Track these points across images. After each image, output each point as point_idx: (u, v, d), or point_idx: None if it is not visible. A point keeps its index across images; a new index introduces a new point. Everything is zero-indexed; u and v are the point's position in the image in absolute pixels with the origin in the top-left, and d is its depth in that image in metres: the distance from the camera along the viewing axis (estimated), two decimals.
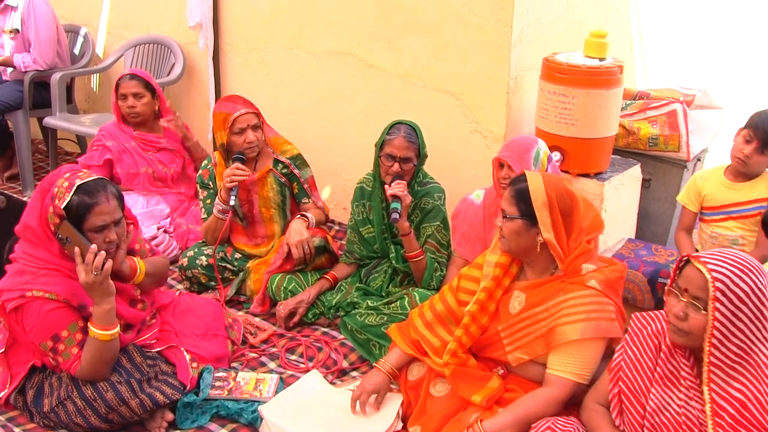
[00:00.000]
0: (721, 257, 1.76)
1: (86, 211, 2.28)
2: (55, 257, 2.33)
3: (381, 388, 2.46)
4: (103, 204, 2.30)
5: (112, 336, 2.32)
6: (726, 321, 1.73)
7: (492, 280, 2.35)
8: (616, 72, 3.04)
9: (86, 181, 2.31)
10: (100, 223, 2.30)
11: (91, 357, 2.30)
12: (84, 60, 4.85)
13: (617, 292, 2.26)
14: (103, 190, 2.31)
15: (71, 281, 2.32)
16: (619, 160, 3.38)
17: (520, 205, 2.26)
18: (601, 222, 2.34)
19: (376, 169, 3.03)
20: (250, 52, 4.22)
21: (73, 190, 2.27)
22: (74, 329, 2.31)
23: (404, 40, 3.57)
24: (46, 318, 2.27)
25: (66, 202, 2.26)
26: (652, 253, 3.17)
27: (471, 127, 3.47)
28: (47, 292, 2.27)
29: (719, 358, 1.76)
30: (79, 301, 2.32)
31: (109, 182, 2.37)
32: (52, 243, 2.32)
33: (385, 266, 3.15)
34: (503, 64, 3.27)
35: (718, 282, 1.72)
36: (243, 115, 3.17)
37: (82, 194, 2.28)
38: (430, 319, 2.50)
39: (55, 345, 2.29)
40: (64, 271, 2.33)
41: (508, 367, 2.36)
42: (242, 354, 2.89)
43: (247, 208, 3.34)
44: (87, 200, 2.28)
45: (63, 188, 2.29)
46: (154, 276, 2.61)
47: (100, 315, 2.29)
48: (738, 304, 1.72)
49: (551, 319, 2.21)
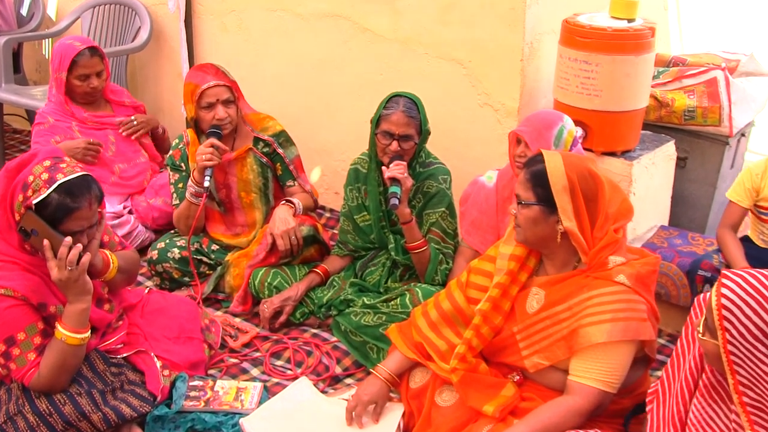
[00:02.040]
0: (748, 279, 1.69)
1: (64, 215, 2.26)
2: (11, 248, 2.32)
3: (379, 398, 2.47)
4: (85, 209, 2.29)
5: (82, 340, 2.32)
6: (743, 356, 1.68)
7: (506, 275, 2.35)
8: (646, 35, 3.03)
9: (69, 178, 2.28)
10: (77, 229, 2.30)
11: (54, 363, 2.29)
12: (33, 23, 4.82)
13: (649, 289, 2.25)
14: (87, 193, 2.29)
15: (30, 276, 2.31)
16: (650, 137, 3.38)
17: (536, 189, 2.25)
18: (630, 207, 2.33)
19: (372, 149, 3.02)
20: (227, 14, 4.20)
21: (54, 186, 2.25)
22: (33, 332, 2.30)
23: (404, 1, 3.55)
24: (1, 317, 2.25)
25: (41, 198, 2.24)
26: (688, 242, 3.18)
27: (480, 100, 3.46)
28: (3, 288, 2.25)
29: (750, 397, 1.71)
30: (38, 299, 2.31)
31: (93, 180, 2.34)
32: (11, 233, 2.31)
33: (383, 258, 3.16)
34: (517, 27, 3.26)
35: (725, 310, 1.68)
36: (212, 88, 3.16)
37: (63, 194, 2.25)
38: (435, 319, 2.50)
39: (8, 349, 2.27)
40: (21, 264, 2.31)
41: (525, 373, 2.36)
42: (221, 360, 2.89)
43: (224, 193, 3.34)
44: (68, 203, 2.26)
45: (41, 180, 2.26)
46: (125, 272, 2.61)
47: (73, 315, 2.29)
48: (751, 341, 1.67)
49: (574, 320, 2.20)
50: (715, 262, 2.92)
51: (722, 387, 1.86)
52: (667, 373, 2.08)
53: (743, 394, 1.72)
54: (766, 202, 2.87)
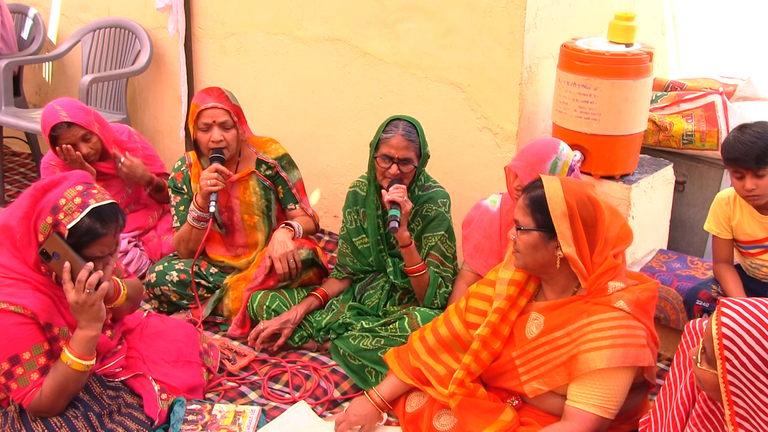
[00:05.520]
0: (748, 308, 1.67)
1: (92, 240, 2.29)
2: (25, 267, 2.32)
3: (367, 421, 2.47)
4: (110, 236, 2.32)
5: (87, 368, 2.32)
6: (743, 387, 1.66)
7: (505, 300, 2.35)
8: (644, 59, 3.04)
9: (101, 204, 2.31)
10: (99, 254, 2.32)
11: (57, 386, 2.28)
12: (34, 46, 4.84)
13: (648, 314, 2.26)
14: (115, 221, 2.33)
15: (41, 295, 2.31)
16: (648, 160, 3.38)
17: (535, 215, 2.26)
18: (629, 232, 2.34)
19: (371, 172, 3.03)
20: (227, 37, 4.22)
21: (86, 211, 2.27)
22: (38, 352, 2.29)
23: (403, 25, 3.57)
24: (8, 334, 2.24)
25: (75, 223, 2.26)
26: (687, 265, 3.18)
27: (479, 124, 3.47)
28: (13, 305, 2.24)
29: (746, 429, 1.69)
30: (46, 319, 2.30)
31: (119, 209, 2.38)
32: (30, 251, 2.31)
33: (382, 282, 3.15)
34: (516, 51, 3.27)
35: (727, 340, 1.66)
36: (209, 109, 3.16)
37: (94, 219, 2.28)
38: (432, 344, 2.50)
39: (12, 368, 2.26)
40: (33, 284, 2.32)
41: (524, 398, 2.36)
42: (219, 383, 2.88)
43: (226, 216, 3.34)
44: (98, 229, 2.29)
45: (74, 204, 2.28)
46: (131, 300, 2.63)
47: (82, 341, 2.29)
48: (753, 371, 1.65)
49: (573, 345, 2.21)
50: (713, 293, 2.91)
51: (715, 417, 1.84)
52: (659, 401, 2.07)
53: (740, 426, 1.70)
54: (744, 235, 2.80)
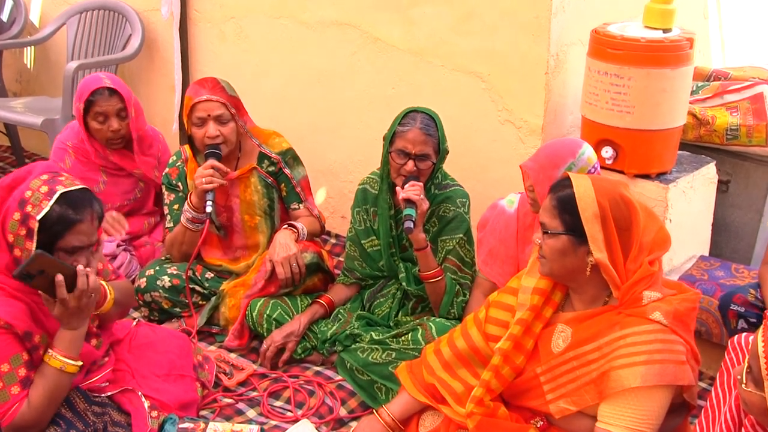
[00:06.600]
0: None
1: (65, 228, 2.29)
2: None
3: None
4: (86, 223, 2.32)
5: (78, 370, 2.34)
6: None
7: (529, 311, 2.33)
8: (684, 46, 3.03)
9: (70, 189, 2.32)
10: (77, 244, 2.32)
11: (48, 395, 2.28)
12: (14, 29, 4.87)
13: (688, 327, 2.24)
14: (89, 206, 2.33)
15: (16, 302, 2.31)
16: (688, 158, 3.38)
17: (564, 216, 2.24)
18: (666, 237, 2.32)
19: (384, 168, 3.02)
20: (225, 21, 4.23)
21: (55, 198, 2.28)
22: (17, 363, 2.28)
23: (418, 9, 3.57)
24: None
25: (44, 212, 2.26)
26: (731, 274, 3.15)
27: (501, 117, 3.47)
28: None
29: None
30: (24, 328, 2.30)
31: (93, 195, 2.38)
32: (1, 255, 2.31)
33: (393, 289, 3.15)
34: (541, 37, 3.27)
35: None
36: (203, 102, 3.16)
37: (65, 206, 2.28)
38: (448, 358, 2.49)
39: None
40: (7, 290, 2.32)
41: (549, 418, 2.35)
42: (214, 399, 2.89)
43: (225, 217, 3.34)
44: (70, 215, 2.29)
45: (40, 194, 2.28)
46: (120, 305, 2.63)
47: (72, 341, 2.31)
48: None
49: (604, 361, 2.19)
50: (750, 297, 2.88)
51: None
52: (701, 425, 2.05)
53: None
54: None
